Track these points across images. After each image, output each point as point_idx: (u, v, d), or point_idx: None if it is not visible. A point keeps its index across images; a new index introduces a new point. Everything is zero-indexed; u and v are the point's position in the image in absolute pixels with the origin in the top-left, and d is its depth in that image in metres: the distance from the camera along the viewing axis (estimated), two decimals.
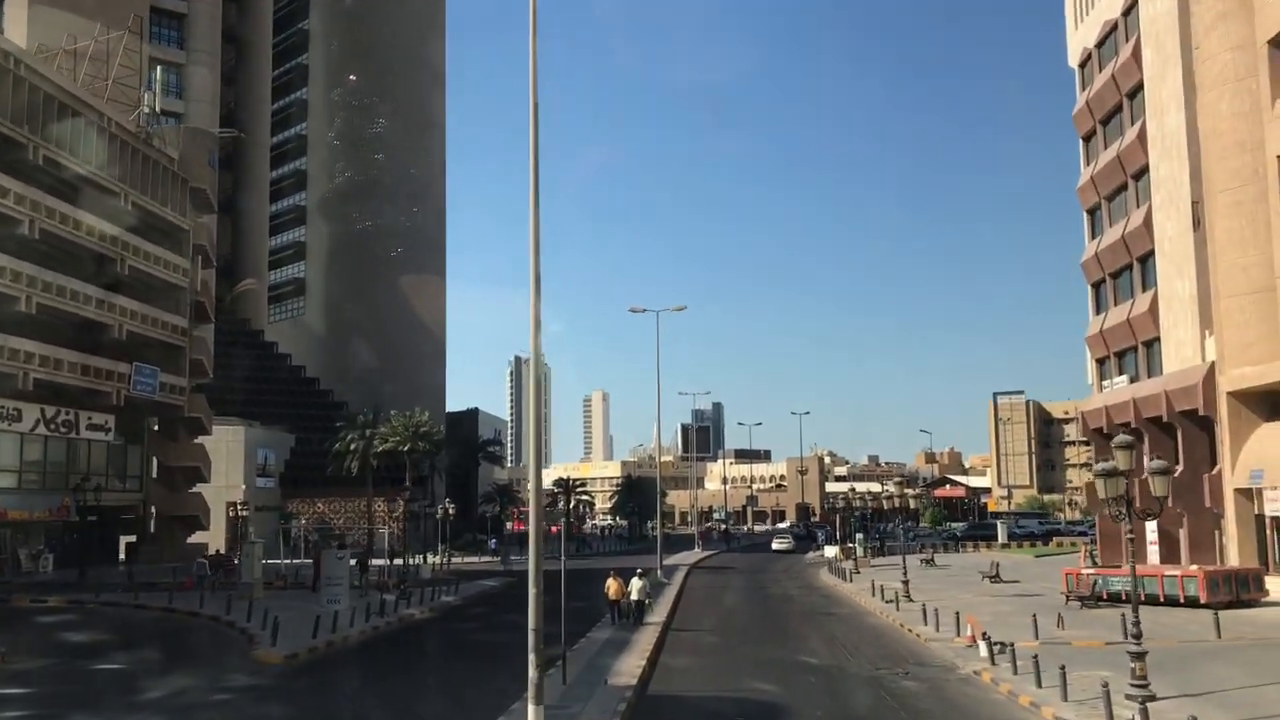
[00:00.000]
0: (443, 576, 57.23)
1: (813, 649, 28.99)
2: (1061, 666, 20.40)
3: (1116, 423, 48.48)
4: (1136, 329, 46.47)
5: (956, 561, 62.03)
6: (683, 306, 50.15)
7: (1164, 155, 44.29)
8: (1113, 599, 36.20)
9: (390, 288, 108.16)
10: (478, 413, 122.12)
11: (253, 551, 41.43)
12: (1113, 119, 49.84)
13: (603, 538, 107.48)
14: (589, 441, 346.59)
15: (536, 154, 16.06)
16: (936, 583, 47.60)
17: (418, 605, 40.92)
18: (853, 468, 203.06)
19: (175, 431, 62.52)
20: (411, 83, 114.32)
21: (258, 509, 79.91)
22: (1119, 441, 20.38)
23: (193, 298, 61.70)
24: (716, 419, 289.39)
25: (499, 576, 57.26)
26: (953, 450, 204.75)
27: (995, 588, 44.65)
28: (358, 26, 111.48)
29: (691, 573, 59.42)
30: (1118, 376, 49.30)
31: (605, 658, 26.38)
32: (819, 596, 45.40)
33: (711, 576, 57.92)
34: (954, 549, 78.00)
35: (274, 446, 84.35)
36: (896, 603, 37.68)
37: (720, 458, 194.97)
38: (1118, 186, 48.72)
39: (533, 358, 16.42)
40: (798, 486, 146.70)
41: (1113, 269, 49.40)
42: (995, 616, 32.84)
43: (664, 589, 45.66)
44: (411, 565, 60.65)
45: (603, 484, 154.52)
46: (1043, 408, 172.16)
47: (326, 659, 28.53)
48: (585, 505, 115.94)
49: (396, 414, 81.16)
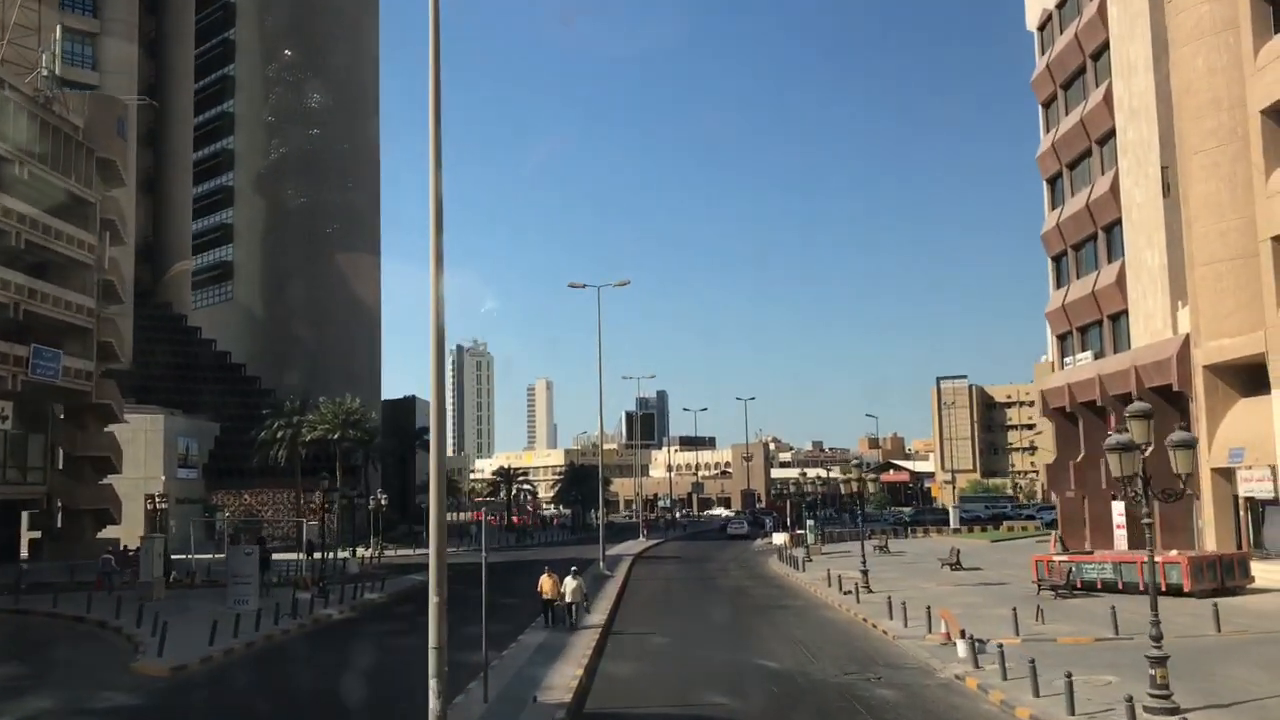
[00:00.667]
0: (372, 571, 53.77)
1: (771, 650, 25.81)
2: (1068, 675, 17.32)
3: (1080, 401, 45.99)
4: (1102, 302, 43.90)
5: (910, 548, 59.39)
6: (625, 281, 46.90)
7: (1131, 118, 41.67)
8: (1087, 587, 33.52)
9: (323, 271, 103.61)
10: (415, 400, 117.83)
11: (151, 547, 37.39)
12: (1075, 82, 47.20)
13: (544, 527, 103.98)
14: (532, 431, 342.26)
15: (437, 119, 12.63)
16: (894, 571, 44.77)
17: (337, 604, 37.34)
18: (797, 453, 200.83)
19: (83, 419, 58.00)
20: (344, 57, 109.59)
21: (179, 501, 75.27)
22: (1135, 410, 17.39)
23: (100, 276, 57.15)
24: (661, 407, 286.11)
25: None
26: (895, 435, 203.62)
27: (958, 576, 41.90)
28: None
29: (636, 563, 56.20)
30: (1081, 353, 46.77)
31: (537, 667, 22.98)
32: (772, 588, 42.35)
33: (657, 567, 54.74)
34: (904, 534, 75.57)
35: (197, 436, 79.75)
36: (856, 594, 34.65)
37: (665, 445, 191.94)
38: (1081, 153, 46.12)
39: (433, 314, 12.99)
40: (743, 473, 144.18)
41: (1075, 240, 46.82)
42: (966, 609, 29.90)
43: (606, 582, 42.35)
44: (338, 560, 56.77)
45: (546, 473, 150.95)
46: (985, 392, 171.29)
47: (221, 671, 24.88)
48: (527, 495, 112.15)
49: (325, 401, 76.99)
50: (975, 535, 69.03)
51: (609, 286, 46.64)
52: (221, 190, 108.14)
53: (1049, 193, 49.93)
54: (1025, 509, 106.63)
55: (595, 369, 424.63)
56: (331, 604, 37.56)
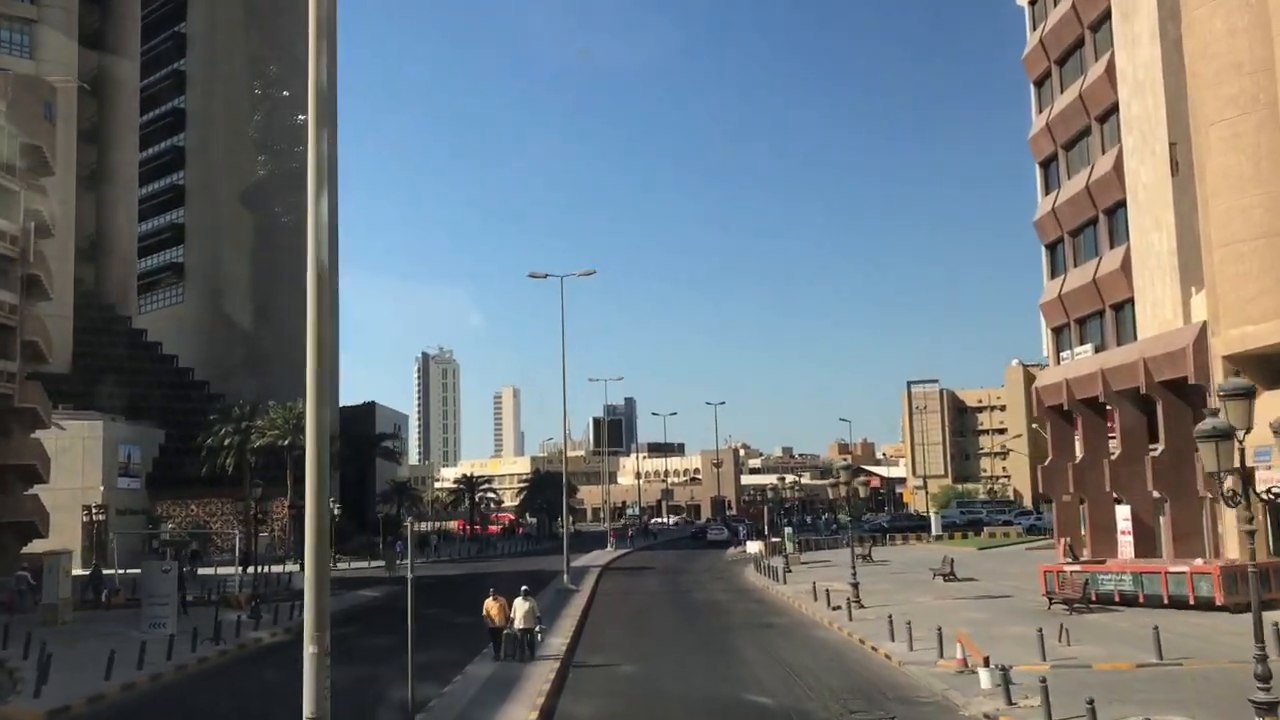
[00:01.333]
0: None
1: (759, 681, 22.04)
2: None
3: (1080, 398, 42.60)
4: (1104, 290, 40.54)
5: (894, 556, 55.89)
6: (590, 271, 43.03)
7: (1136, 92, 38.37)
8: (1103, 601, 30.02)
9: (278, 274, 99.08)
10: (375, 406, 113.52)
11: (58, 564, 33.07)
12: (1071, 56, 43.88)
13: (508, 536, 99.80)
14: (499, 439, 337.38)
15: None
16: (883, 582, 41.19)
17: (270, 626, 33.29)
18: (767, 459, 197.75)
19: (5, 425, 53.39)
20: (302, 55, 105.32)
21: (119, 513, 70.88)
22: (1230, 387, 13.79)
23: (25, 271, 52.66)
24: (629, 413, 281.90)
25: (385, 584, 49.67)
26: (865, 441, 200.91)
27: (953, 587, 38.36)
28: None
29: (604, 575, 52.37)
30: (1080, 346, 43.40)
31: (481, 708, 19.12)
32: (752, 602, 38.62)
33: (626, 579, 50.89)
34: (882, 541, 72.18)
35: (140, 443, 75.07)
36: (848, 610, 30.98)
37: (633, 452, 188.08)
38: (1079, 131, 42.78)
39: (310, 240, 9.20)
40: (713, 479, 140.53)
41: (1073, 225, 43.46)
42: (974, 627, 26.34)
43: (570, 598, 38.48)
44: (285, 574, 52.68)
45: (511, 480, 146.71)
46: (956, 396, 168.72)
47: (113, 712, 20.88)
48: (491, 503, 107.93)
49: (276, 405, 72.60)
50: (960, 542, 65.70)
51: (573, 276, 42.81)
52: (173, 189, 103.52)
53: (1042, 177, 46.61)
54: (1003, 514, 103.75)
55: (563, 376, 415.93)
56: (264, 625, 33.56)
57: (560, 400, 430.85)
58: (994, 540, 64.75)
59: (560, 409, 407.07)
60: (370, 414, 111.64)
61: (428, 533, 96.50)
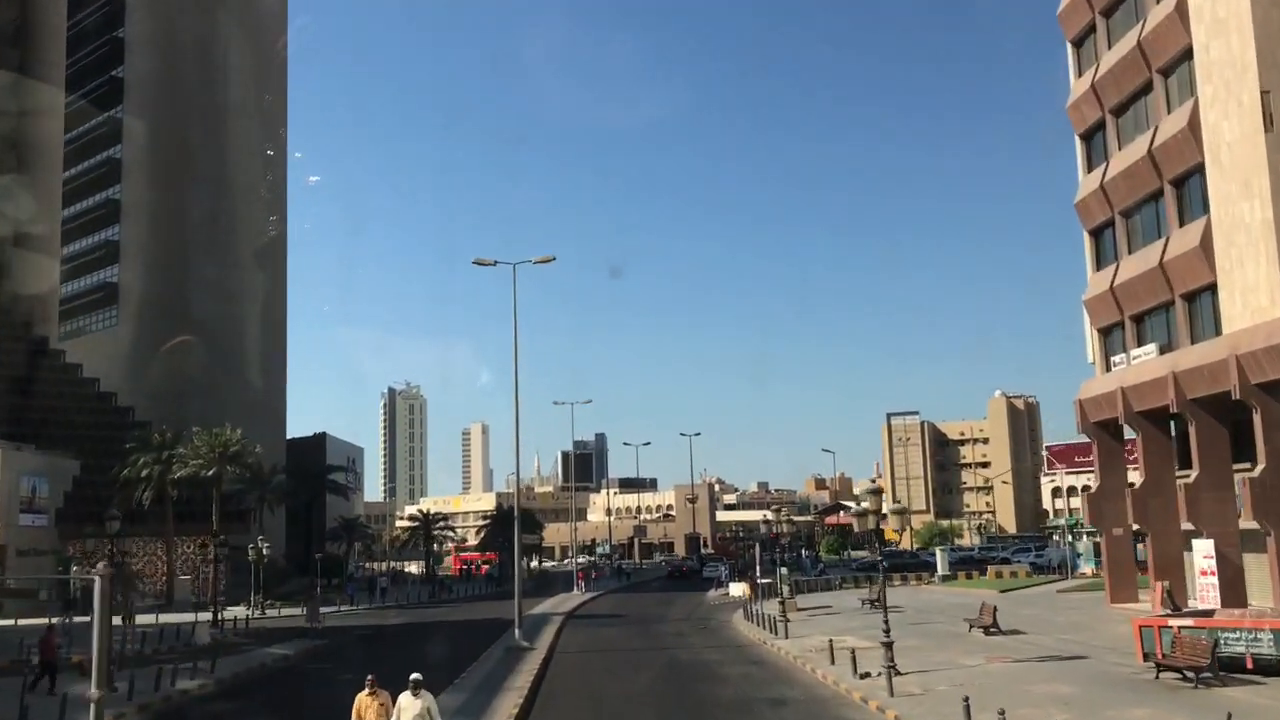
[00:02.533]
0: (230, 641, 41.36)
1: None
2: None
3: (1140, 410, 34.86)
4: (1174, 277, 32.90)
5: (904, 600, 47.55)
6: (549, 258, 35.00)
7: (1216, 31, 30.96)
8: (1227, 666, 21.97)
9: (220, 297, 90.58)
10: (326, 438, 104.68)
11: None
12: (1121, 5, 36.52)
13: (468, 578, 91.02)
14: (468, 475, 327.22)
15: None
16: (908, 635, 33.02)
17: (124, 702, 24.80)
18: (742, 495, 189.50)
19: None
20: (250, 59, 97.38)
21: (21, 553, 61.90)
22: None
23: None
24: (600, 448, 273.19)
25: (307, 638, 41.12)
26: (843, 475, 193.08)
27: (1000, 644, 30.27)
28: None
29: (567, 626, 43.94)
30: (1139, 348, 35.68)
31: None
32: (749, 664, 30.34)
33: (594, 631, 42.45)
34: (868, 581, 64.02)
35: (48, 474, 65.94)
36: (888, 682, 22.85)
37: (604, 488, 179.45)
38: (1136, 89, 35.30)
39: None
40: (687, 515, 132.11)
41: (1129, 202, 35.90)
42: (1071, 709, 18.43)
43: (519, 662, 30.07)
44: (191, 624, 43.90)
45: (474, 518, 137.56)
46: (938, 428, 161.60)
47: None
48: (450, 541, 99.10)
49: (200, 432, 63.87)
50: (973, 584, 57.73)
51: (526, 264, 34.78)
52: (108, 204, 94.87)
53: (1084, 152, 39.10)
54: (994, 551, 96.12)
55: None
56: (115, 700, 24.99)
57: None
58: (1013, 581, 56.73)
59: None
60: (320, 446, 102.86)
61: (376, 575, 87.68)
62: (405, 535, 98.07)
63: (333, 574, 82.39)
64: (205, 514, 66.80)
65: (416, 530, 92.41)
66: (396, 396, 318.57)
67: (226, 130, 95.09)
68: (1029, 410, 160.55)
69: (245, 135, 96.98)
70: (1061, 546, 79.83)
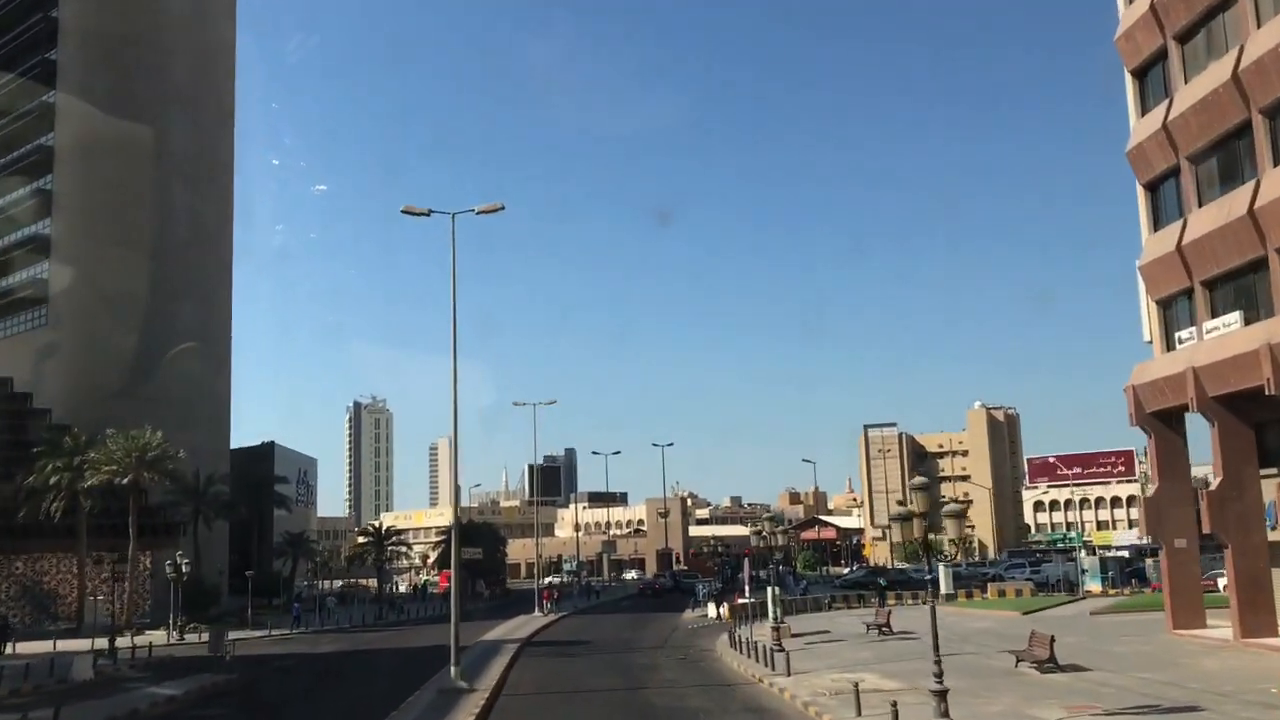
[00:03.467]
0: (117, 675, 34.57)
1: None
2: None
3: (1217, 394, 28.24)
4: (1269, 226, 26.33)
5: (914, 624, 40.63)
6: (497, 206, 28.06)
7: None
8: None
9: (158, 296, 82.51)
10: (274, 448, 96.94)
11: None
12: None
13: (421, 597, 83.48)
14: (435, 491, 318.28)
15: None
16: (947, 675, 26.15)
17: None
18: (715, 510, 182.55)
19: None
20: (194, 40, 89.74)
21: None
22: None
23: None
24: (570, 463, 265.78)
25: (210, 672, 33.86)
26: (817, 489, 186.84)
27: (1067, 685, 23.45)
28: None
29: (522, 656, 36.86)
30: (1213, 319, 29.09)
31: None
32: (747, 713, 23.37)
33: (552, 665, 35.34)
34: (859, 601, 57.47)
35: None
36: None
37: (572, 502, 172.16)
38: (1212, 3, 28.76)
39: None
40: (659, 531, 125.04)
41: (1200, 144, 29.38)
42: None
43: (454, 710, 22.98)
44: (83, 652, 36.58)
45: (435, 534, 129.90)
46: (916, 440, 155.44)
47: None
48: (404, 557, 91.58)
49: (115, 434, 56.34)
50: (989, 604, 51.02)
51: (468, 213, 27.85)
52: (36, 194, 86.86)
53: (1136, 89, 32.60)
54: (983, 568, 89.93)
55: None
56: None
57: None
58: (1032, 602, 50.04)
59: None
60: (268, 456, 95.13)
61: (325, 594, 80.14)
62: (356, 552, 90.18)
63: (273, 593, 74.88)
64: (112, 526, 59.50)
65: (368, 546, 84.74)
66: (362, 410, 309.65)
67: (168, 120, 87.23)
68: (1009, 421, 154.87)
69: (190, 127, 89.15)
70: (1061, 562, 73.76)
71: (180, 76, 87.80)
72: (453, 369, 27.56)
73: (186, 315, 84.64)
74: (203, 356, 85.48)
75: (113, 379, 77.52)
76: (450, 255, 27.44)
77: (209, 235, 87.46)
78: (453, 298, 27.42)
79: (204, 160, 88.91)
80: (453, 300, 27.48)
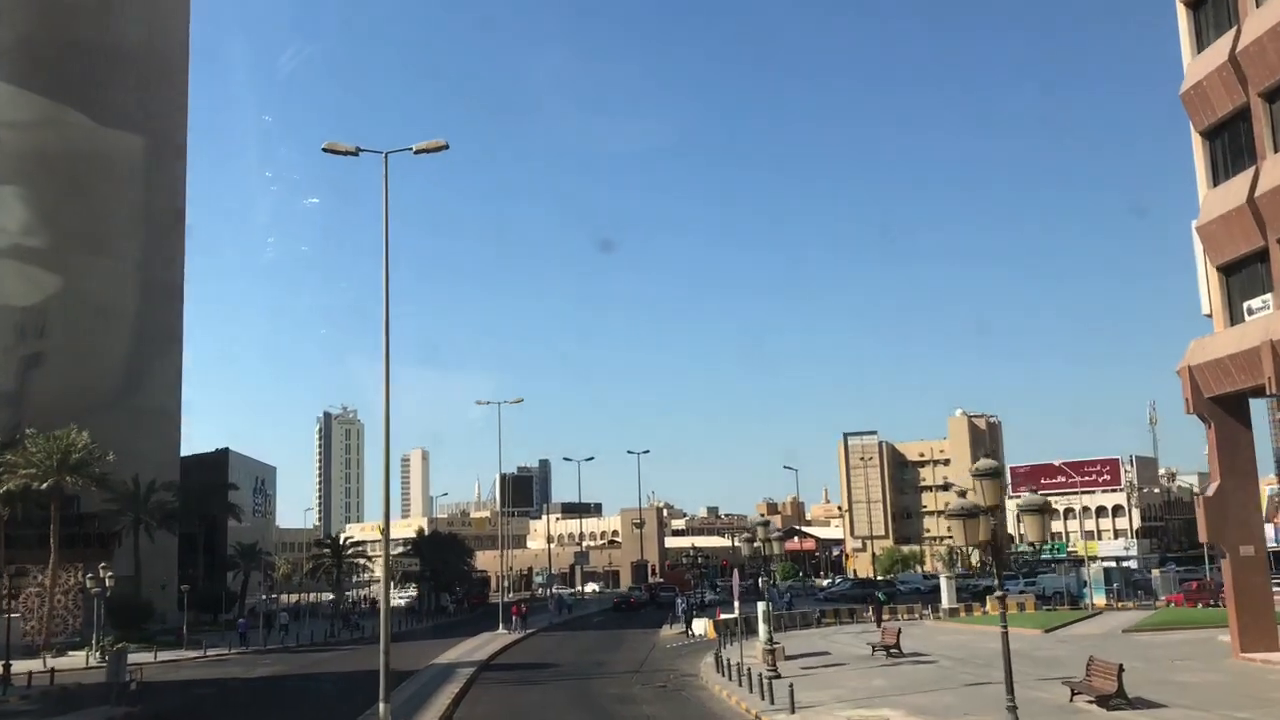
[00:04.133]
0: (4, 708, 29.30)
1: None
2: None
3: None
4: None
5: (924, 644, 35.61)
6: (438, 144, 22.98)
7: None
8: None
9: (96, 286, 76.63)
10: (229, 454, 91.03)
11: None
12: None
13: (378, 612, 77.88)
14: (407, 502, 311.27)
15: None
16: (985, 711, 21.13)
17: None
18: (691, 520, 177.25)
19: None
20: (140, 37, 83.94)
21: None
22: None
23: None
24: (544, 475, 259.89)
25: (117, 701, 28.53)
26: (795, 499, 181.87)
27: None
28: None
29: (475, 684, 31.66)
30: None
31: None
32: None
33: (509, 697, 30.03)
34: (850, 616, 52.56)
35: None
36: None
37: (545, 514, 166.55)
38: None
39: None
40: (634, 542, 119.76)
41: (1277, 78, 24.58)
42: None
43: None
44: None
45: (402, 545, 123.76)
46: (896, 449, 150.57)
47: None
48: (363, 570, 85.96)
49: (34, 434, 50.67)
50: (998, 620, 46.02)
51: (402, 151, 22.76)
52: None
53: (1190, 21, 27.82)
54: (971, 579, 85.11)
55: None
56: None
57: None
58: (1053, 617, 44.95)
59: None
60: (222, 464, 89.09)
61: (278, 609, 74.25)
62: (314, 565, 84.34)
63: (223, 609, 69.23)
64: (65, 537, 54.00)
65: (324, 559, 78.99)
66: (332, 420, 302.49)
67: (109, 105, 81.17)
68: (991, 429, 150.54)
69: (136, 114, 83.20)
70: (1063, 573, 69.22)
71: (129, 66, 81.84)
72: (384, 321, 22.58)
73: (136, 317, 78.80)
74: (151, 358, 79.69)
75: (52, 382, 71.85)
76: (382, 196, 22.45)
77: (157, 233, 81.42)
78: (385, 241, 22.55)
79: (154, 152, 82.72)
80: (385, 246, 22.57)
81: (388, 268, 22.73)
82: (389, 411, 22.98)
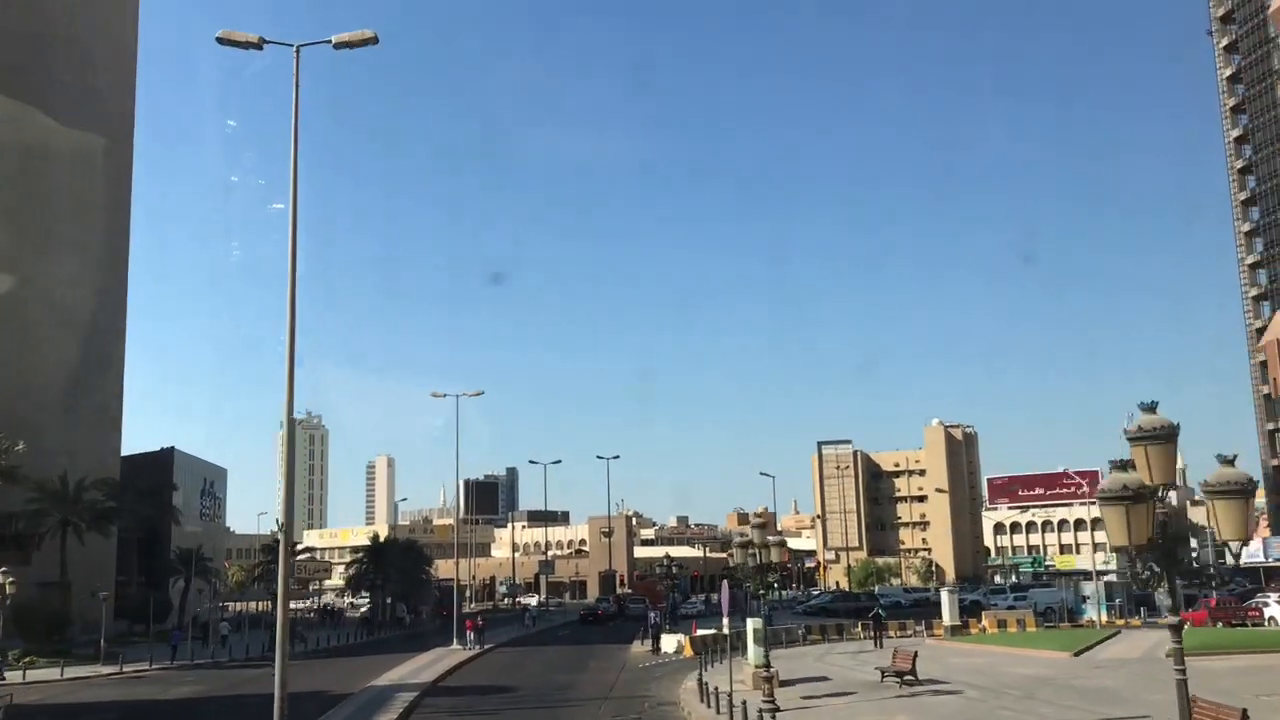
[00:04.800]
0: None
1: None
2: None
3: None
4: None
5: (935, 668, 30.62)
6: (369, 35, 18.04)
7: None
8: None
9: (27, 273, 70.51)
10: (174, 453, 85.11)
11: None
12: None
13: (328, 623, 72.09)
14: (371, 509, 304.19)
15: None
16: None
17: None
18: (661, 530, 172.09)
19: None
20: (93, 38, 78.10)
21: None
22: None
23: None
24: (511, 483, 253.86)
25: None
26: (766, 510, 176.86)
27: None
28: None
29: (414, 713, 26.38)
30: None
31: None
32: None
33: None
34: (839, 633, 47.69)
35: None
36: None
37: (511, 521, 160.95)
38: None
39: None
40: (602, 551, 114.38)
41: None
42: None
43: None
44: None
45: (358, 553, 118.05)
46: (871, 459, 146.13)
47: None
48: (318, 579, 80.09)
49: None
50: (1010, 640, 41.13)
51: (323, 45, 17.73)
52: None
53: None
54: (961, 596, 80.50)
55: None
56: None
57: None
58: (1072, 638, 40.02)
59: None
60: (167, 464, 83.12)
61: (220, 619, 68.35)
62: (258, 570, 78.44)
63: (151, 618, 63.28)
64: None
65: (268, 565, 73.15)
66: (296, 426, 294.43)
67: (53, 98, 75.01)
68: (967, 440, 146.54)
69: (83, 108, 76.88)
70: (1062, 587, 64.83)
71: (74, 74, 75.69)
72: (291, 227, 17.57)
73: (69, 306, 72.82)
74: (92, 356, 73.76)
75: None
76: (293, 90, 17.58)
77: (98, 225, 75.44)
78: (294, 135, 17.74)
79: (98, 153, 76.41)
80: (294, 140, 17.75)
81: (295, 170, 17.85)
82: (292, 380, 17.86)
